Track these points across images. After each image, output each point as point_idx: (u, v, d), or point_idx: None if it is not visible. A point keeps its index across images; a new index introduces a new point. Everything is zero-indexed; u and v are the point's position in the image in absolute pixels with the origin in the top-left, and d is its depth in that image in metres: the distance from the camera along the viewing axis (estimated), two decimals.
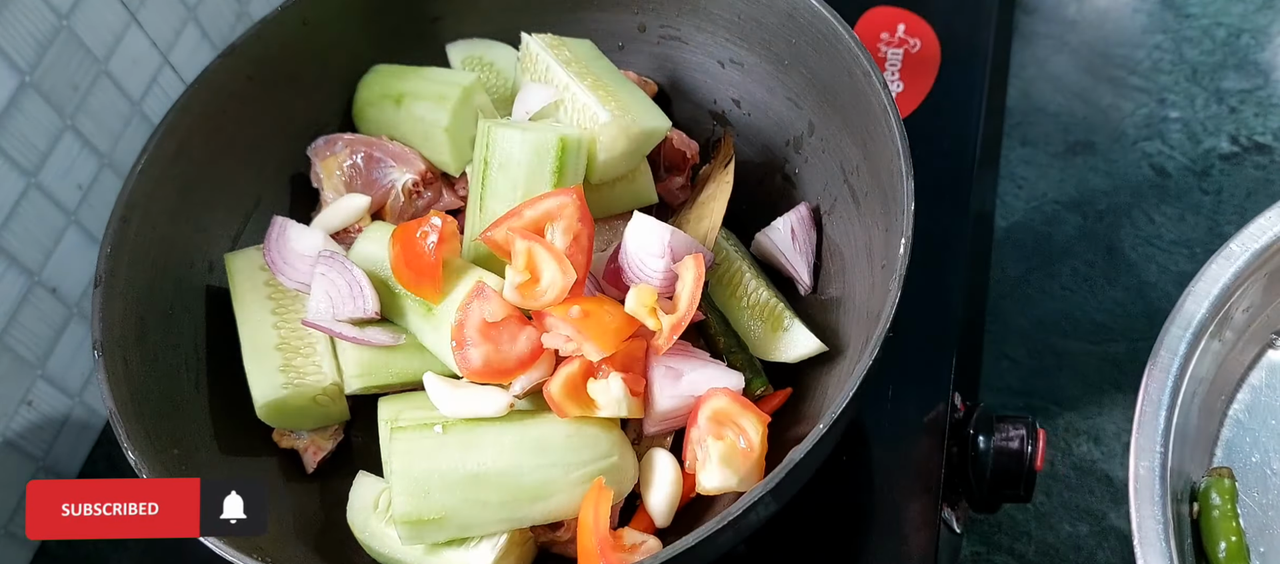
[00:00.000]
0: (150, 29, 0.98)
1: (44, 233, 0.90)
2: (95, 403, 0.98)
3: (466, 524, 0.72)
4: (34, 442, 0.92)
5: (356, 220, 0.89)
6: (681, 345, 0.77)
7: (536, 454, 0.72)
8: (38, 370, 0.92)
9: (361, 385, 0.80)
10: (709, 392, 0.74)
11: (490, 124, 0.82)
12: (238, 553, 0.66)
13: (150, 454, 0.71)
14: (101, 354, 0.74)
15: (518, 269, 0.74)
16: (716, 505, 0.75)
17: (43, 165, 0.89)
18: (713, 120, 0.97)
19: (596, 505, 0.70)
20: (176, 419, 0.78)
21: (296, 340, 0.82)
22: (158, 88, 1.01)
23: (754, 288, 0.84)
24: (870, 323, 0.71)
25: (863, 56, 0.78)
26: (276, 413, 0.80)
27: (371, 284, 0.80)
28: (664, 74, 0.97)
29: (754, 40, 0.90)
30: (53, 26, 0.87)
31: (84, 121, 0.92)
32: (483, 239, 0.76)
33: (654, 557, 0.63)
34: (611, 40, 0.96)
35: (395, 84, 0.93)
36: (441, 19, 0.97)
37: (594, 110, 0.83)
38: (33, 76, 0.86)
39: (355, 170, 0.90)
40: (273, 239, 0.85)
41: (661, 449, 0.77)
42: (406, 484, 0.70)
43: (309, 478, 0.83)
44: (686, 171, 0.93)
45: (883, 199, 0.77)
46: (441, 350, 0.78)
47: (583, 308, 0.73)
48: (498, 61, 0.97)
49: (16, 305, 0.88)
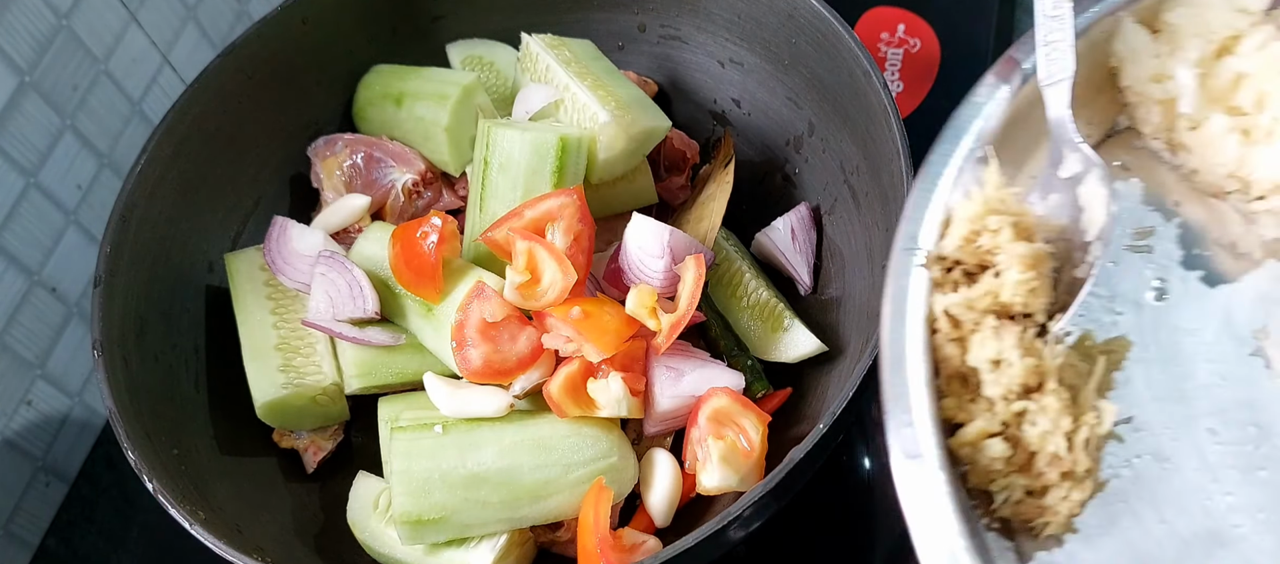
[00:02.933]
0: (150, 29, 0.98)
1: (44, 233, 0.90)
2: (95, 402, 0.98)
3: (466, 524, 0.72)
4: (34, 441, 0.92)
5: (356, 220, 0.89)
6: (681, 345, 0.77)
7: (536, 454, 0.72)
8: (37, 370, 0.92)
9: (361, 385, 0.80)
10: (709, 392, 0.74)
11: (490, 124, 0.82)
12: (238, 553, 0.66)
13: (150, 454, 0.71)
14: (101, 354, 0.74)
15: (518, 269, 0.74)
16: (716, 505, 0.75)
17: (43, 165, 0.89)
18: (713, 120, 0.97)
19: (596, 505, 0.70)
20: (176, 419, 0.78)
21: (296, 340, 0.82)
22: (157, 88, 1.01)
23: (754, 288, 0.84)
24: (870, 323, 0.71)
25: (863, 56, 0.78)
26: (276, 413, 0.80)
27: (371, 284, 0.80)
28: (664, 74, 0.97)
29: (754, 40, 0.90)
30: (52, 26, 0.87)
31: (84, 121, 0.92)
32: (483, 239, 0.76)
33: (654, 557, 0.63)
34: (611, 40, 0.96)
35: (395, 84, 0.93)
36: (441, 19, 0.97)
37: (594, 110, 0.83)
38: (33, 76, 0.86)
39: (355, 170, 0.90)
40: (273, 239, 0.85)
41: (661, 449, 0.77)
42: (407, 484, 0.70)
43: (309, 478, 0.83)
44: (686, 171, 0.93)
45: (883, 199, 0.77)
46: (441, 350, 0.78)
47: (583, 309, 0.73)
48: (498, 61, 0.97)
49: (16, 305, 0.88)
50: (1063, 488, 0.53)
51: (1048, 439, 0.52)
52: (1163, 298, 0.59)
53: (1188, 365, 0.57)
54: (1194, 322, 0.58)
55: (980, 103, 0.63)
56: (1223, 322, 0.58)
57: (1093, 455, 0.53)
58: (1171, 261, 0.60)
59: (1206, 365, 0.57)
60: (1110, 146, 0.65)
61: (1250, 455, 0.54)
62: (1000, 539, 0.54)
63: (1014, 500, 0.53)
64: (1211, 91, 0.61)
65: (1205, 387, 0.56)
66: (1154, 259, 0.60)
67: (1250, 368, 0.56)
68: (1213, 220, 0.61)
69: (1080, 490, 0.52)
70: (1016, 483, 0.53)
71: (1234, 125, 0.60)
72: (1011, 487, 0.53)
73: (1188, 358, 0.57)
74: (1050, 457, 0.52)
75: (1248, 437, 0.55)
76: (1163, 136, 0.63)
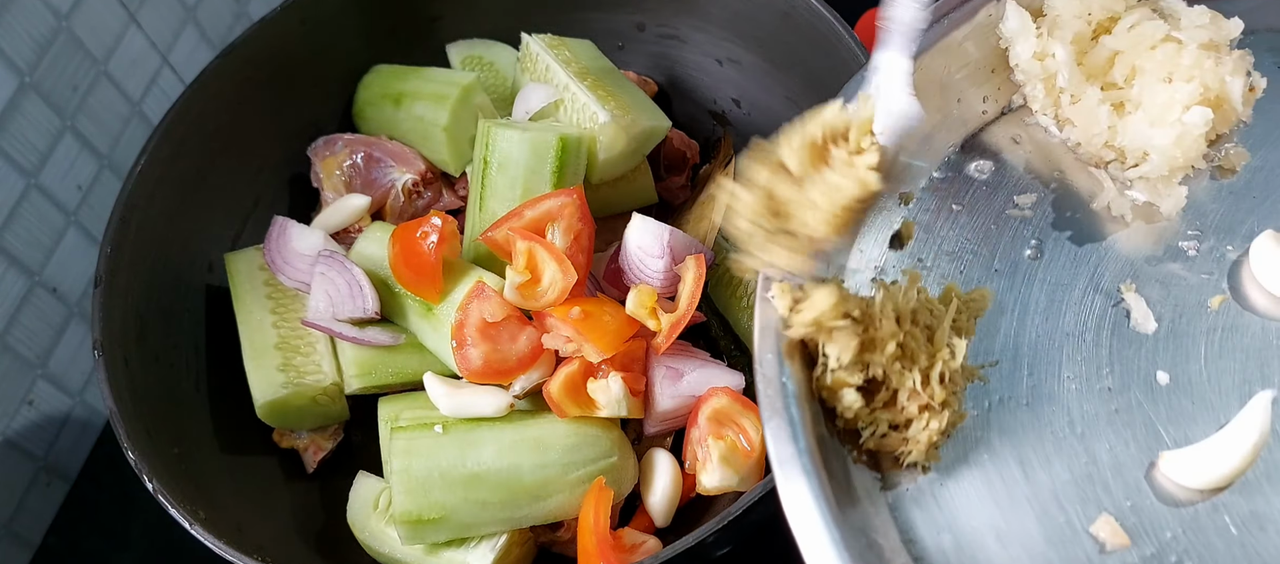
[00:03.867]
0: (149, 29, 0.98)
1: (44, 233, 0.90)
2: (96, 402, 0.99)
3: (466, 524, 0.72)
4: (35, 441, 0.92)
5: (356, 220, 0.89)
6: (681, 345, 0.77)
7: (536, 454, 0.72)
8: (38, 370, 0.92)
9: (361, 385, 0.80)
10: (709, 391, 0.74)
11: (490, 124, 0.82)
12: (238, 553, 0.66)
13: (150, 454, 0.71)
14: (101, 354, 0.74)
15: (518, 269, 0.74)
16: (716, 505, 0.75)
17: (43, 166, 0.89)
18: (712, 120, 0.97)
19: (596, 505, 0.70)
20: (176, 419, 0.78)
21: (296, 340, 0.82)
22: (157, 88, 1.01)
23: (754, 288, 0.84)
24: None
25: (862, 56, 0.78)
26: (277, 413, 0.80)
27: (371, 284, 0.80)
28: (664, 73, 0.97)
29: (752, 39, 0.90)
30: (52, 27, 0.87)
31: (84, 122, 0.92)
32: (483, 239, 0.76)
33: (654, 557, 0.63)
34: (611, 40, 0.96)
35: (395, 84, 0.93)
36: (441, 19, 0.97)
37: (594, 110, 0.83)
38: (32, 77, 0.86)
39: (355, 170, 0.90)
40: (273, 239, 0.85)
41: (661, 449, 0.77)
42: (406, 484, 0.70)
43: (309, 478, 0.83)
44: (686, 172, 0.93)
45: None
46: (441, 350, 0.78)
47: (583, 309, 0.73)
48: (498, 61, 0.97)
49: (17, 305, 0.89)
50: (922, 419, 0.56)
51: (904, 376, 0.56)
52: (1038, 257, 0.64)
53: (1056, 317, 0.62)
54: (1065, 277, 0.63)
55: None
56: (1090, 277, 0.63)
57: (950, 389, 0.57)
58: (1047, 225, 0.65)
59: (1072, 316, 0.61)
60: (1006, 123, 0.71)
61: (1108, 400, 0.58)
62: (866, 471, 0.58)
63: (878, 435, 0.57)
64: (1089, 68, 0.67)
65: (1070, 335, 0.61)
66: (1032, 223, 0.65)
67: (1115, 318, 0.61)
68: (1093, 187, 0.67)
69: (938, 420, 0.56)
70: (882, 418, 0.57)
71: (1107, 98, 0.66)
72: (877, 422, 0.57)
73: (1057, 310, 0.62)
74: (909, 391, 0.56)
75: (1106, 383, 0.59)
76: (1050, 112, 0.69)
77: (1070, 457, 0.56)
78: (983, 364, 0.60)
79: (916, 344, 0.57)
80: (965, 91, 0.70)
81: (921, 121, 0.58)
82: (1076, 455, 0.56)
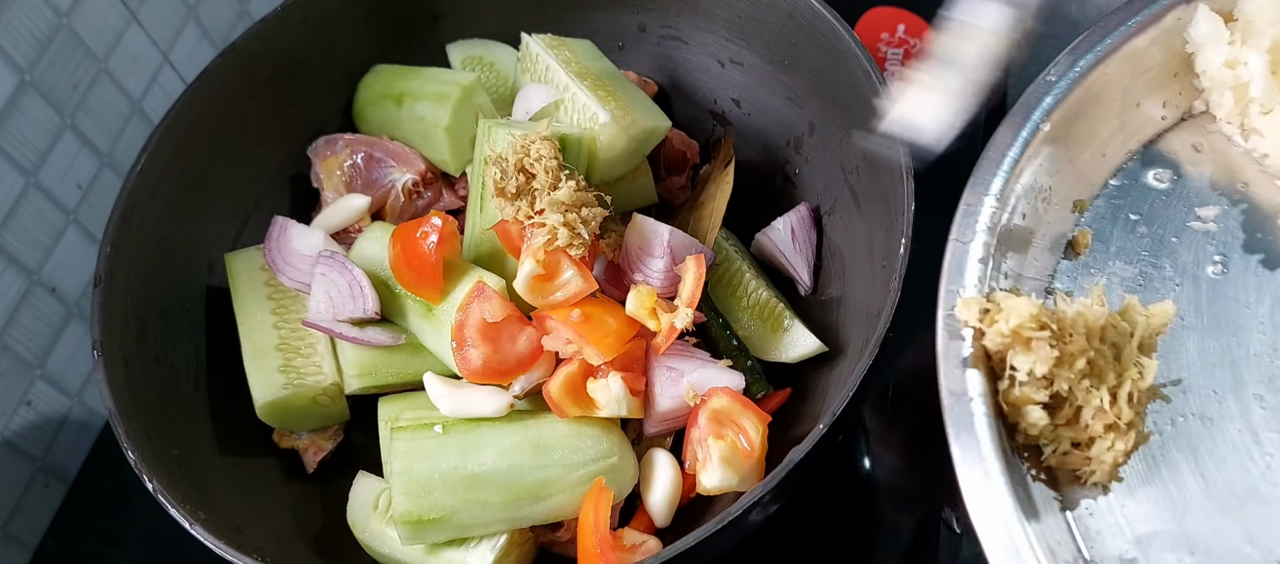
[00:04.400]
0: (150, 28, 0.98)
1: (44, 232, 0.90)
2: (95, 403, 0.98)
3: (466, 524, 0.72)
4: (33, 441, 0.92)
5: (356, 220, 0.89)
6: (681, 346, 0.77)
7: (536, 454, 0.72)
8: (37, 370, 0.92)
9: (361, 385, 0.80)
10: (709, 391, 0.74)
11: (490, 124, 0.82)
12: (238, 553, 0.66)
13: (150, 454, 0.71)
14: (101, 354, 0.74)
15: (537, 259, 0.73)
16: (716, 505, 0.75)
17: (42, 165, 0.89)
18: (713, 120, 0.97)
19: (596, 505, 0.70)
20: (176, 419, 0.78)
21: (296, 340, 0.82)
22: (157, 87, 1.01)
23: (754, 288, 0.84)
24: (870, 323, 0.71)
25: (863, 56, 0.78)
26: (277, 413, 0.80)
27: (371, 284, 0.80)
28: (664, 74, 0.97)
29: (754, 40, 0.90)
30: (52, 25, 0.87)
31: (84, 121, 0.92)
32: (494, 229, 0.76)
33: (654, 557, 0.63)
34: (611, 40, 0.96)
35: (395, 84, 0.93)
36: (441, 18, 0.97)
37: (594, 110, 0.83)
38: (32, 75, 0.86)
39: (355, 170, 0.90)
40: (273, 239, 0.85)
41: (661, 449, 0.77)
42: (407, 484, 0.70)
43: (309, 478, 0.83)
44: (686, 171, 0.93)
45: (883, 199, 0.77)
46: (441, 350, 0.78)
47: (583, 311, 0.73)
48: (498, 61, 0.97)
49: (16, 305, 0.88)
50: (1107, 439, 0.55)
51: (1091, 394, 0.55)
52: (1223, 273, 0.63)
53: (1241, 336, 0.60)
54: (1251, 296, 0.61)
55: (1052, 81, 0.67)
56: (1277, 297, 0.61)
57: (1136, 409, 0.55)
58: (1234, 240, 0.63)
59: (1259, 336, 0.60)
60: (1185, 129, 0.68)
61: None
62: (1046, 489, 0.57)
63: (1061, 452, 0.56)
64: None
65: (1256, 356, 0.59)
66: (1217, 237, 0.63)
67: None
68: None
69: (1124, 441, 0.55)
70: (1064, 436, 0.56)
71: None
72: (1059, 439, 0.56)
73: (1242, 329, 0.60)
74: (1095, 410, 0.55)
75: None
76: (1236, 121, 0.66)
77: (1258, 479, 0.55)
78: (1165, 383, 0.59)
79: (1104, 362, 0.56)
80: (1144, 97, 0.67)
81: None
82: (1264, 478, 0.55)
